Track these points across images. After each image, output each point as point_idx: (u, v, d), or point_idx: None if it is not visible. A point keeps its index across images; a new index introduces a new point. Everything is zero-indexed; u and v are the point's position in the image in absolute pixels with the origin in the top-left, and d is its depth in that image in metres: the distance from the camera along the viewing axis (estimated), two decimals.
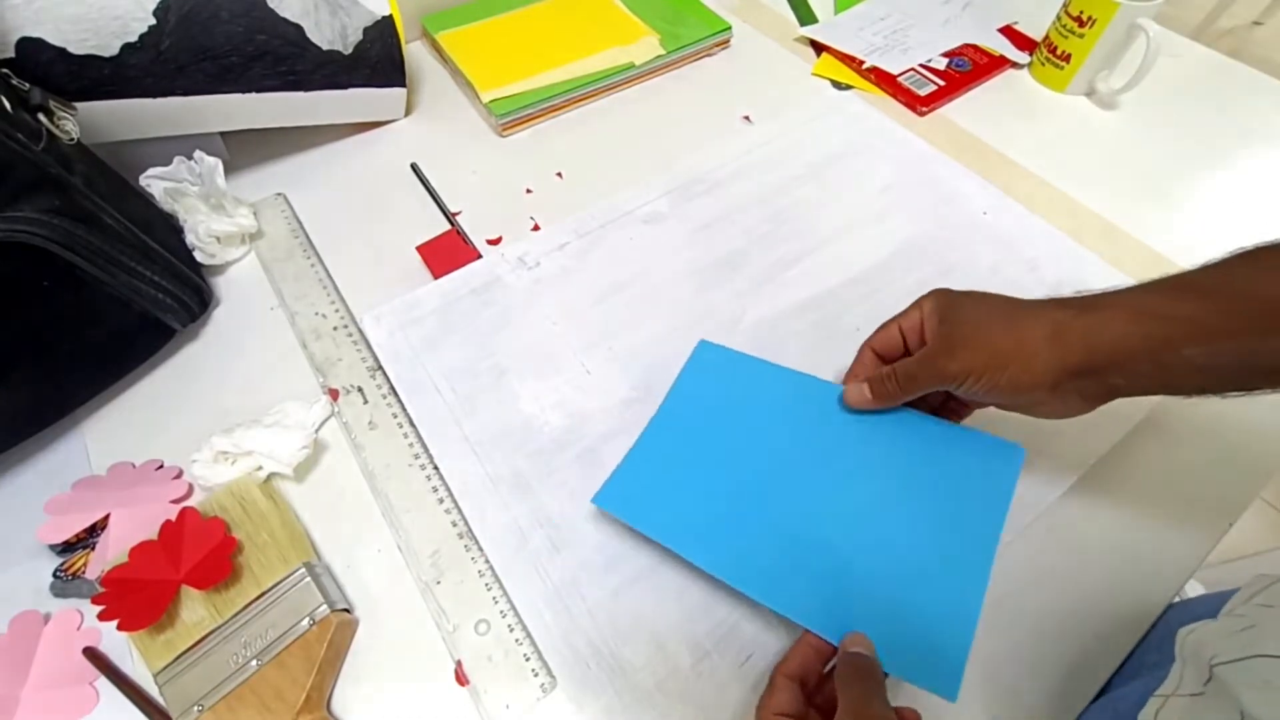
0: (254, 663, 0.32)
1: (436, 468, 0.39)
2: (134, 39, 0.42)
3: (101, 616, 0.31)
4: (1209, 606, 0.31)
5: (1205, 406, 0.42)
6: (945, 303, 0.34)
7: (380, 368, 0.43)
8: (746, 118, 0.59)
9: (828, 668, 0.31)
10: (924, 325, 0.35)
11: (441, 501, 0.38)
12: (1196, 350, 0.29)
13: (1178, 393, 0.31)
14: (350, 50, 0.51)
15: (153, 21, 0.43)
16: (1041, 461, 0.39)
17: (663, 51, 0.62)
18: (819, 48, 0.66)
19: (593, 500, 0.36)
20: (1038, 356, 0.31)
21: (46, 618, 0.35)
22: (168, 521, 0.34)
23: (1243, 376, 0.29)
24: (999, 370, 0.31)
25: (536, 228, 0.51)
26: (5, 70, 0.37)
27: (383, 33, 0.52)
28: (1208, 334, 0.28)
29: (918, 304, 0.36)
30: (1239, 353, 0.28)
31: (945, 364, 0.33)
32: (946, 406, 0.38)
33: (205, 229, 0.46)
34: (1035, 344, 0.31)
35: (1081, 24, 0.57)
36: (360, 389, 0.42)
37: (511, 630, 0.34)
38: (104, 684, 0.33)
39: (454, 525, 0.37)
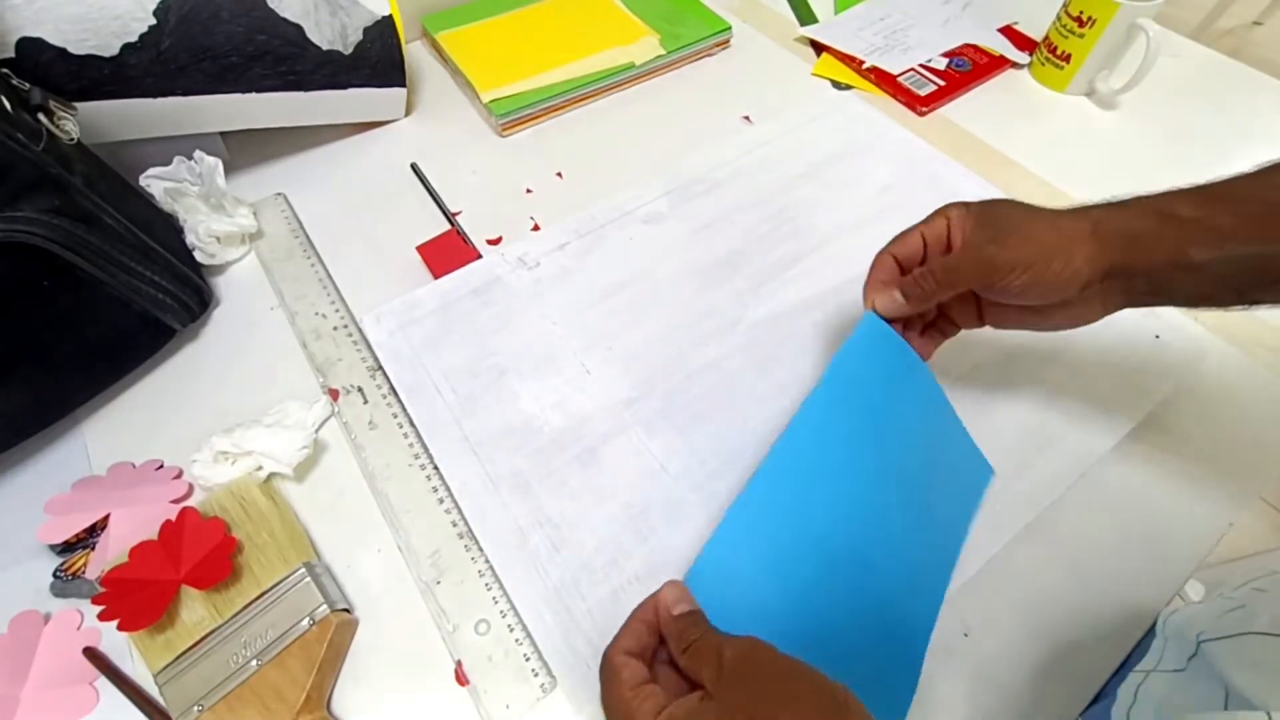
0: (254, 663, 0.32)
1: (436, 468, 0.39)
2: (134, 39, 0.42)
3: (101, 616, 0.31)
4: None
5: (1206, 406, 0.42)
6: (978, 208, 0.34)
7: (380, 368, 0.43)
8: (746, 118, 0.59)
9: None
10: (951, 231, 0.34)
11: (441, 501, 0.38)
12: (1206, 254, 0.29)
13: (1184, 303, 0.32)
14: (350, 50, 0.51)
15: (153, 21, 0.43)
16: (1042, 461, 0.39)
17: (663, 51, 0.62)
18: (819, 48, 0.66)
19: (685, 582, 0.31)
20: (1081, 250, 0.31)
21: (46, 618, 0.35)
22: (168, 521, 0.34)
23: (1247, 284, 0.30)
24: (1046, 262, 0.31)
25: (536, 228, 0.51)
26: (5, 70, 0.37)
27: (383, 33, 0.52)
28: (1217, 237, 0.29)
29: (942, 213, 0.35)
30: (1245, 259, 0.29)
31: (996, 252, 0.32)
32: (936, 324, 0.38)
33: (205, 229, 0.46)
34: (1079, 238, 0.31)
35: (1081, 24, 0.57)
36: (360, 389, 0.42)
37: (511, 630, 0.34)
38: (104, 684, 0.33)
39: (454, 525, 0.37)
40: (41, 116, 0.37)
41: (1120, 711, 0.29)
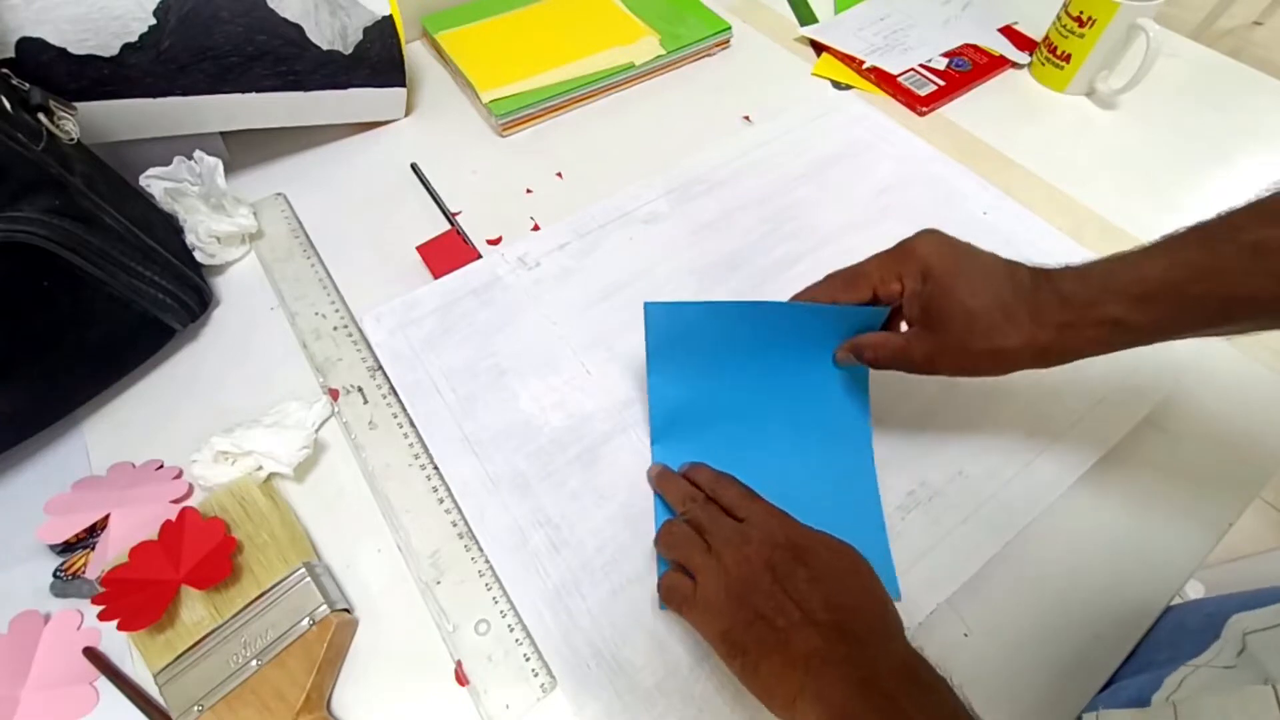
0: (254, 663, 0.32)
1: (436, 468, 0.39)
2: (134, 39, 0.42)
3: (101, 616, 0.31)
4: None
5: (1205, 407, 0.42)
6: (936, 289, 0.33)
7: (380, 368, 0.43)
8: (746, 118, 0.59)
9: None
10: (905, 300, 0.35)
11: (441, 501, 0.38)
12: (1141, 341, 0.32)
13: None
14: (350, 50, 0.51)
15: (153, 21, 0.43)
16: (1042, 461, 0.39)
17: (663, 51, 0.62)
18: (819, 48, 0.66)
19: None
20: (1020, 361, 0.33)
21: (46, 618, 0.35)
22: (168, 521, 0.34)
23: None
24: (984, 370, 0.34)
25: (536, 228, 0.51)
26: (5, 70, 0.37)
27: (383, 33, 0.52)
28: (1153, 333, 0.31)
29: (896, 275, 0.34)
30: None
31: (941, 365, 0.34)
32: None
33: (205, 229, 0.46)
34: (1023, 356, 0.33)
35: (1081, 24, 0.57)
36: (360, 389, 0.42)
37: (511, 630, 0.34)
38: (104, 684, 0.33)
39: (454, 525, 0.37)
40: (41, 116, 0.37)
41: (1161, 697, 0.29)
